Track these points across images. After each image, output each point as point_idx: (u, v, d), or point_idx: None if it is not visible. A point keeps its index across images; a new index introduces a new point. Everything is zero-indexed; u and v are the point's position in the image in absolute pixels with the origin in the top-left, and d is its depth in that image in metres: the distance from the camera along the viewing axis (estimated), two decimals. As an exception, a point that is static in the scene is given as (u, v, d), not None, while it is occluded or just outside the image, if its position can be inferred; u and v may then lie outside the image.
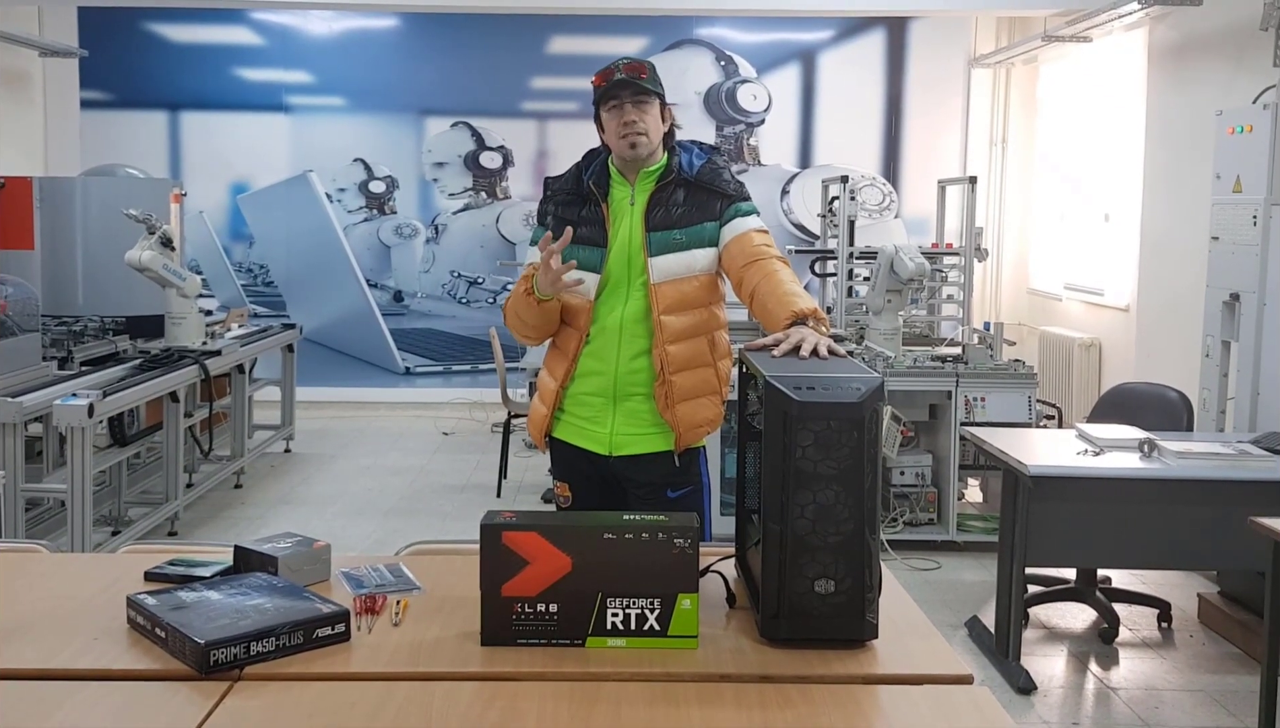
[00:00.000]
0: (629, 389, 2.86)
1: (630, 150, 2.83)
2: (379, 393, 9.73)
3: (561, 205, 2.94)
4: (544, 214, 2.98)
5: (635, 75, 2.83)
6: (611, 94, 2.84)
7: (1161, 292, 7.05)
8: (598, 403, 2.89)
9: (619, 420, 2.88)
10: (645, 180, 2.89)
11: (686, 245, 2.84)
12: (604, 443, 2.89)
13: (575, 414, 2.93)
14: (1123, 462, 4.20)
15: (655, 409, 2.86)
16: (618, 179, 2.92)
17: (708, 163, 2.92)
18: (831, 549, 1.92)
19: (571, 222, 2.86)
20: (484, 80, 9.63)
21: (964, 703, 1.79)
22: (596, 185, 2.90)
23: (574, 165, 3.00)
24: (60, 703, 1.73)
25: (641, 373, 2.85)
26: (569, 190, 2.95)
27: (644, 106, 2.84)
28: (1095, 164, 8.25)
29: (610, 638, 1.94)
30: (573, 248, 2.81)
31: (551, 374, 2.96)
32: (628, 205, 2.89)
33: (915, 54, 9.66)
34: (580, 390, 2.90)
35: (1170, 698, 4.17)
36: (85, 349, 6.25)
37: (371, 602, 2.09)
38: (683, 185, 2.88)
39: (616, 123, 2.84)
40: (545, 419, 2.96)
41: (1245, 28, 5.97)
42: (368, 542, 5.91)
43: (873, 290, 6.18)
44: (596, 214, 2.88)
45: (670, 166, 2.89)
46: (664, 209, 2.85)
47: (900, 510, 5.84)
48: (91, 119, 9.48)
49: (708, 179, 2.89)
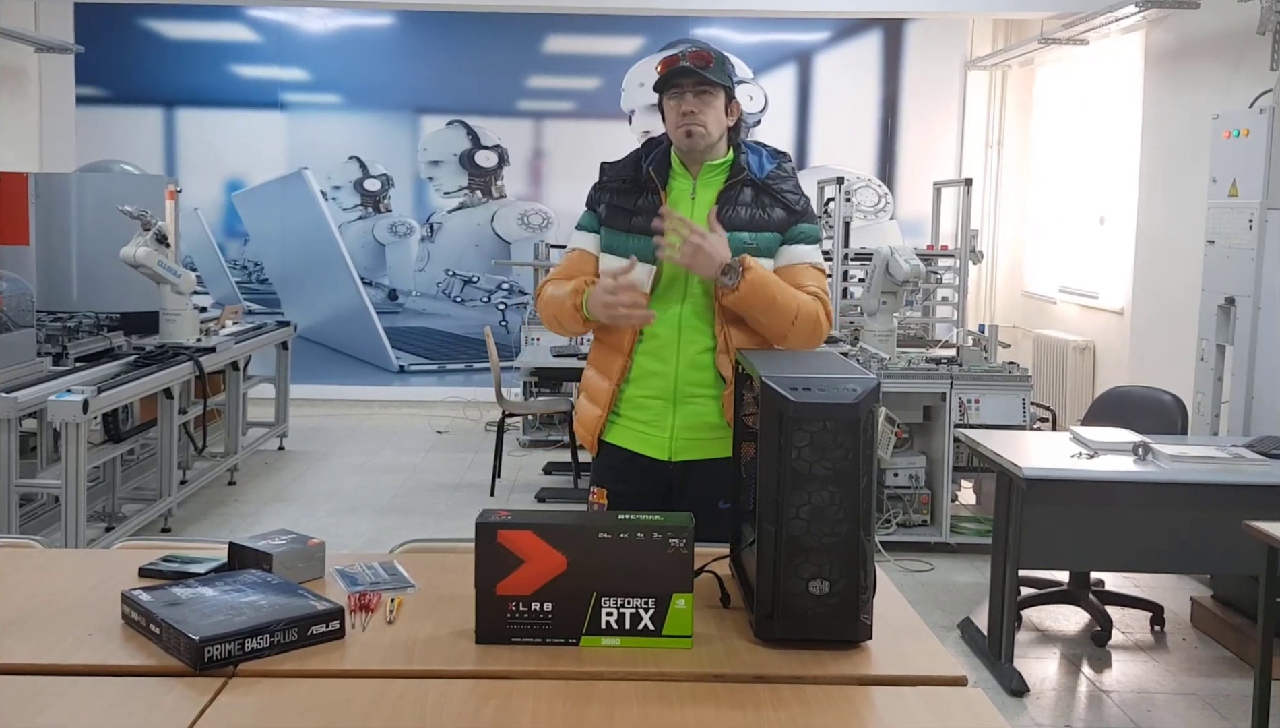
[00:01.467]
0: (691, 391, 2.74)
1: (686, 140, 2.72)
2: (373, 391, 9.72)
3: (617, 192, 2.82)
4: (597, 201, 2.85)
5: (700, 64, 2.72)
6: (672, 81, 2.73)
7: (1156, 295, 7.07)
8: (657, 405, 2.76)
9: (679, 424, 2.75)
10: (709, 174, 2.78)
11: (755, 250, 2.70)
12: (663, 448, 2.76)
13: (632, 418, 2.79)
14: (1117, 465, 4.21)
15: (718, 412, 2.73)
16: (679, 170, 2.80)
17: (778, 168, 2.81)
18: (826, 550, 1.92)
19: (627, 210, 2.76)
20: (480, 79, 9.63)
21: (958, 705, 1.79)
22: (656, 173, 2.78)
23: (633, 151, 2.88)
24: (54, 698, 1.72)
25: (705, 372, 2.73)
26: (626, 177, 2.82)
27: (706, 97, 2.72)
28: (1091, 167, 8.26)
29: (605, 637, 1.93)
30: (627, 236, 2.74)
31: (604, 374, 2.82)
32: (688, 197, 2.77)
33: (911, 56, 9.67)
34: (637, 393, 2.77)
35: (1163, 701, 4.18)
36: (80, 345, 6.25)
37: (366, 600, 2.08)
38: (750, 186, 2.77)
39: (675, 111, 2.73)
40: (599, 421, 2.82)
41: (1242, 31, 5.98)
42: (361, 540, 5.90)
43: (868, 292, 6.19)
44: (654, 203, 2.74)
45: (739, 164, 2.78)
46: (732, 208, 2.73)
47: (894, 512, 5.84)
48: (87, 115, 9.46)
49: (775, 186, 2.78)
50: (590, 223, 2.86)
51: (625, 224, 2.77)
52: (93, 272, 6.93)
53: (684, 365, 2.73)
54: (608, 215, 2.80)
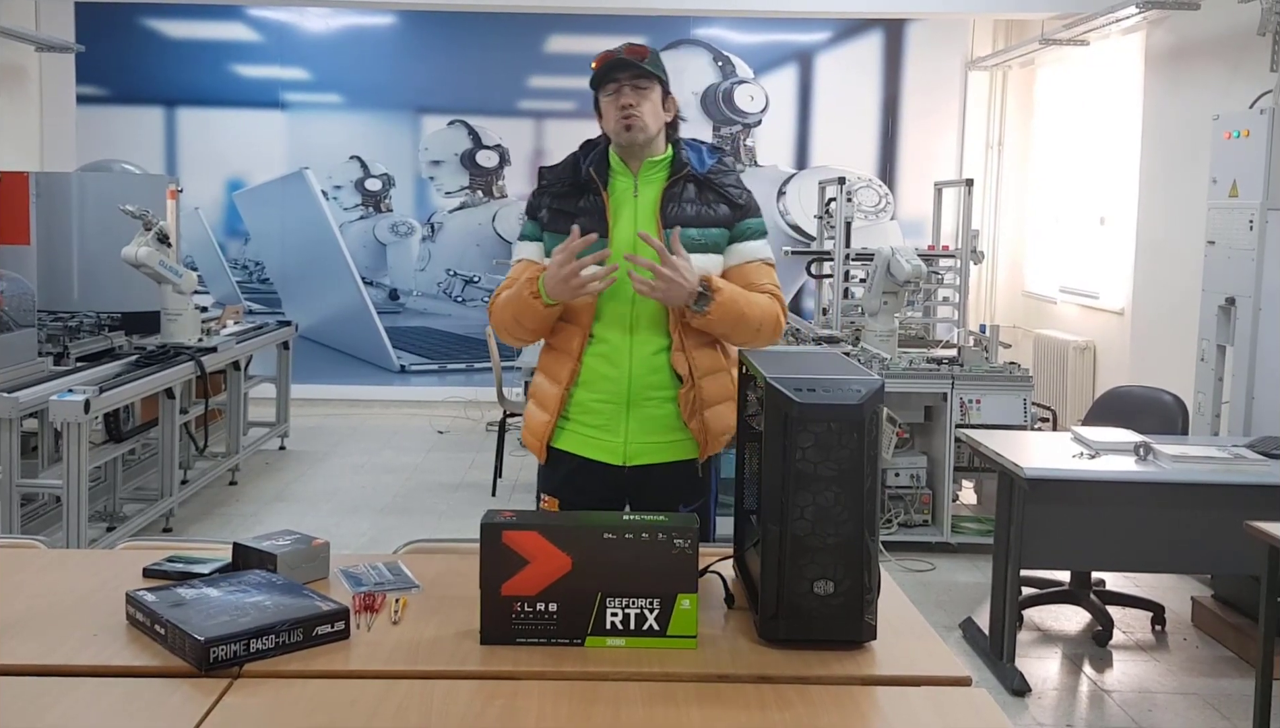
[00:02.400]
0: (645, 394, 2.70)
1: (626, 133, 2.69)
2: (374, 391, 9.72)
3: (557, 196, 2.77)
4: (538, 207, 2.80)
5: (636, 58, 2.69)
6: (610, 76, 2.70)
7: (1157, 295, 7.07)
8: (610, 409, 2.71)
9: (634, 428, 2.71)
10: (650, 171, 2.75)
11: (703, 246, 2.69)
12: (617, 453, 2.71)
13: (582, 422, 2.74)
14: (1118, 465, 4.21)
15: (674, 414, 2.70)
16: (619, 168, 2.77)
17: (718, 163, 2.80)
18: (831, 551, 1.93)
19: (569, 213, 2.71)
20: (481, 79, 9.63)
21: (962, 705, 1.80)
22: (596, 173, 2.74)
23: (570, 155, 2.83)
24: (59, 699, 1.73)
25: (661, 373, 2.70)
26: (566, 180, 2.78)
27: (644, 91, 2.70)
28: (1091, 168, 8.26)
29: (609, 638, 1.94)
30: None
31: (552, 378, 2.76)
32: (630, 196, 2.74)
33: (912, 56, 9.67)
34: (588, 396, 2.73)
35: (1164, 701, 4.19)
36: (81, 345, 6.25)
37: (371, 600, 2.09)
38: (693, 181, 2.75)
39: (613, 106, 2.70)
40: (547, 427, 2.76)
41: (1242, 32, 5.98)
42: (362, 540, 5.90)
43: (869, 292, 6.19)
44: (596, 204, 2.71)
45: (680, 160, 2.76)
46: (677, 205, 2.71)
47: (895, 512, 5.85)
48: (88, 114, 9.46)
49: (718, 181, 2.77)
50: (533, 232, 2.81)
51: (569, 227, 2.68)
52: (94, 271, 6.92)
53: (638, 368, 2.70)
54: (550, 220, 2.76)
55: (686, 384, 2.68)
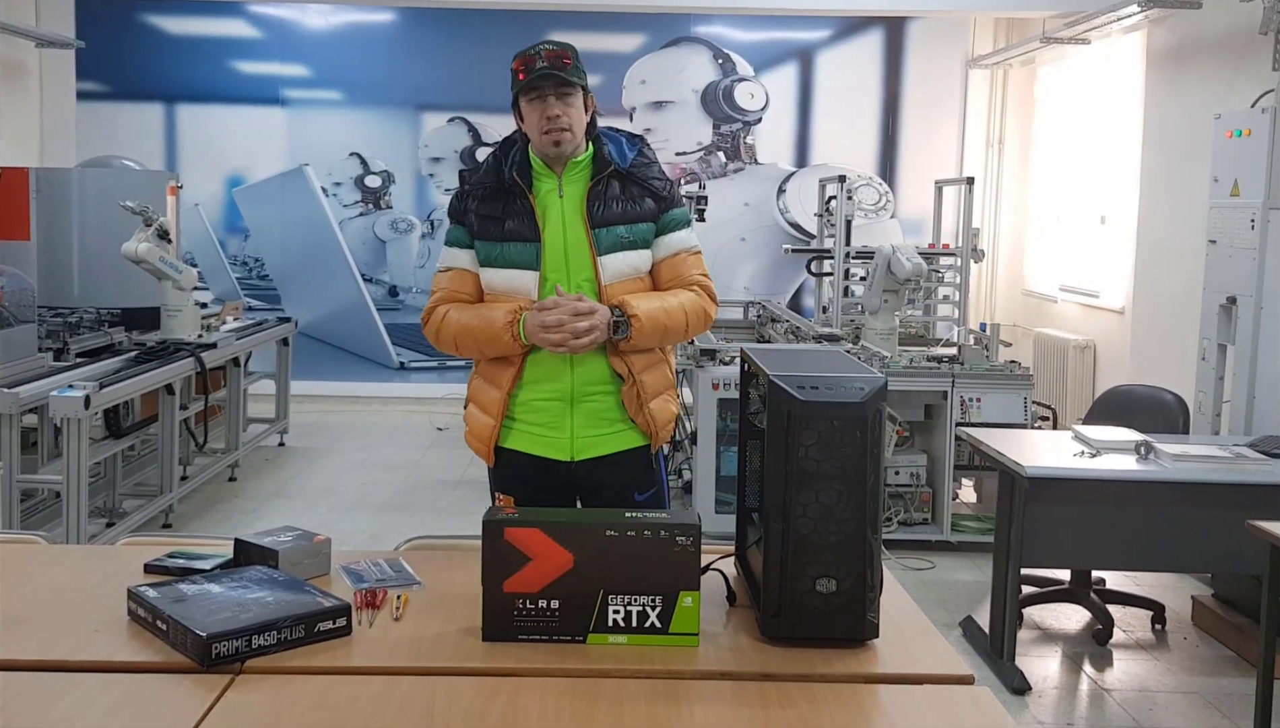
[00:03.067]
0: (587, 389, 2.72)
1: (554, 147, 2.67)
2: (373, 387, 9.71)
3: (482, 200, 2.74)
4: (463, 211, 2.77)
5: (559, 65, 2.65)
6: (533, 85, 2.66)
7: (1157, 294, 7.07)
8: (554, 407, 2.73)
9: (579, 423, 2.73)
10: (573, 171, 2.73)
11: (632, 243, 2.71)
12: (564, 449, 2.74)
13: (528, 421, 2.76)
14: (1119, 464, 4.21)
15: (616, 406, 2.73)
16: (541, 170, 2.75)
17: (639, 156, 2.78)
18: (833, 548, 1.92)
19: (497, 217, 2.71)
20: (481, 75, 9.60)
21: (964, 703, 1.80)
22: (520, 176, 2.72)
23: (490, 156, 2.80)
24: (62, 695, 1.73)
25: (599, 370, 2.72)
26: (489, 184, 2.75)
27: (568, 99, 2.67)
28: (1092, 166, 8.26)
29: (611, 635, 1.94)
30: (504, 245, 2.70)
31: (493, 382, 2.77)
32: (555, 197, 2.72)
33: (913, 54, 9.66)
34: (532, 396, 2.74)
35: (1164, 700, 4.18)
36: (81, 341, 6.25)
37: (372, 596, 2.08)
38: (616, 177, 2.73)
39: (539, 116, 2.66)
40: (493, 430, 2.76)
41: (1244, 31, 5.98)
42: (362, 536, 5.90)
43: (869, 290, 6.19)
44: (524, 207, 2.70)
45: (602, 157, 2.74)
46: (603, 203, 2.70)
47: (895, 510, 5.85)
48: (88, 110, 9.45)
49: (641, 175, 2.75)
50: (461, 237, 2.78)
51: (499, 233, 2.71)
52: (94, 267, 6.92)
53: (578, 367, 2.72)
54: (479, 227, 2.74)
55: (628, 382, 2.72)
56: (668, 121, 9.62)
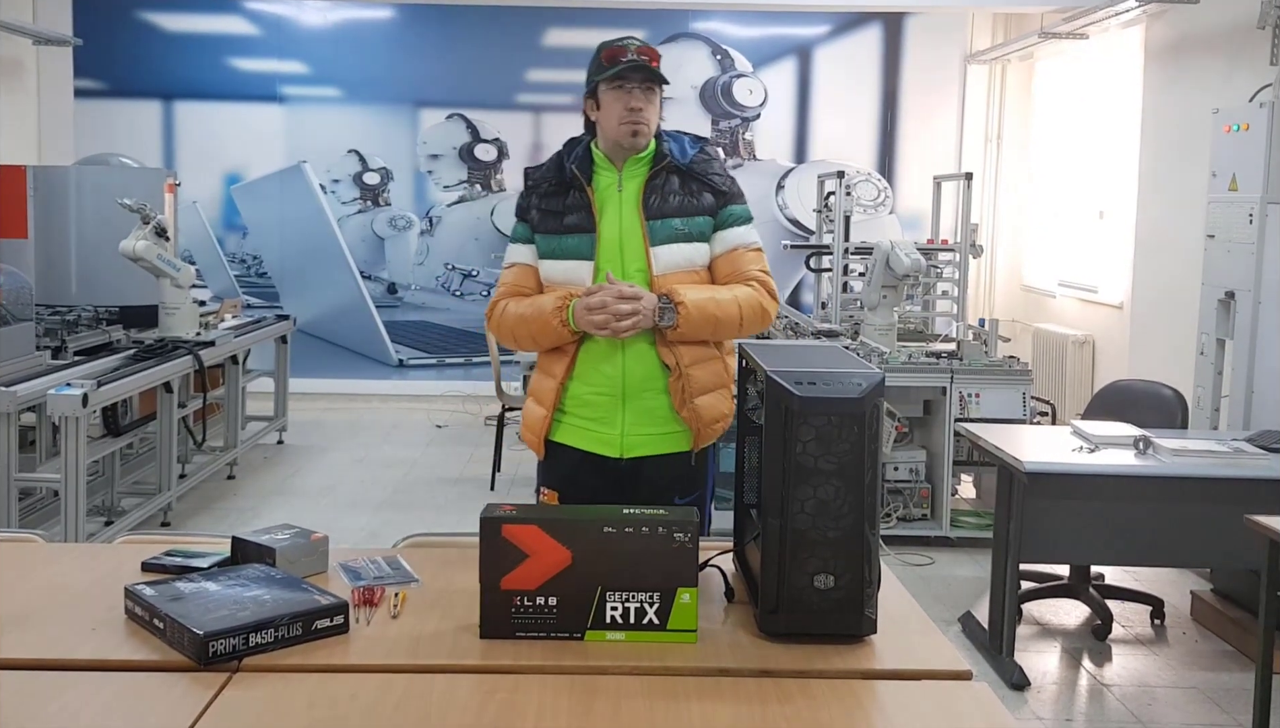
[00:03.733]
0: (640, 385, 2.73)
1: (632, 138, 2.73)
2: (372, 385, 9.71)
3: (544, 196, 2.81)
4: (526, 208, 2.85)
5: (649, 61, 2.72)
6: (623, 75, 2.72)
7: (1156, 289, 7.06)
8: (605, 402, 2.74)
9: (630, 420, 2.74)
10: (633, 166, 2.79)
11: (687, 236, 2.74)
12: (614, 445, 2.75)
13: (579, 415, 2.78)
14: (1118, 459, 4.21)
15: (668, 405, 2.73)
16: (603, 164, 2.81)
17: (700, 152, 2.83)
18: (831, 544, 1.92)
19: (557, 212, 2.77)
20: (479, 72, 9.61)
21: (963, 699, 1.80)
22: (580, 170, 2.78)
23: (554, 154, 2.88)
24: (59, 693, 1.72)
25: (653, 366, 2.72)
26: (551, 179, 2.82)
27: (651, 96, 2.74)
28: (1090, 161, 8.26)
29: (609, 632, 1.93)
30: (563, 237, 2.74)
31: (548, 373, 2.81)
32: (615, 191, 2.78)
33: (911, 50, 9.66)
34: (583, 390, 2.76)
35: (1163, 695, 4.18)
36: (79, 339, 6.24)
37: (370, 594, 2.08)
38: (675, 172, 2.78)
39: (622, 107, 2.72)
40: (544, 422, 2.80)
41: (1242, 26, 5.97)
42: (361, 534, 5.90)
43: (868, 286, 6.18)
44: (582, 200, 2.76)
45: (661, 153, 2.79)
46: (660, 196, 2.74)
47: (894, 506, 5.84)
48: (85, 108, 9.44)
49: (701, 170, 2.79)
50: (523, 233, 2.84)
51: (558, 226, 2.76)
52: (91, 265, 6.91)
53: (630, 360, 2.73)
54: (540, 220, 2.80)
55: (674, 374, 2.71)
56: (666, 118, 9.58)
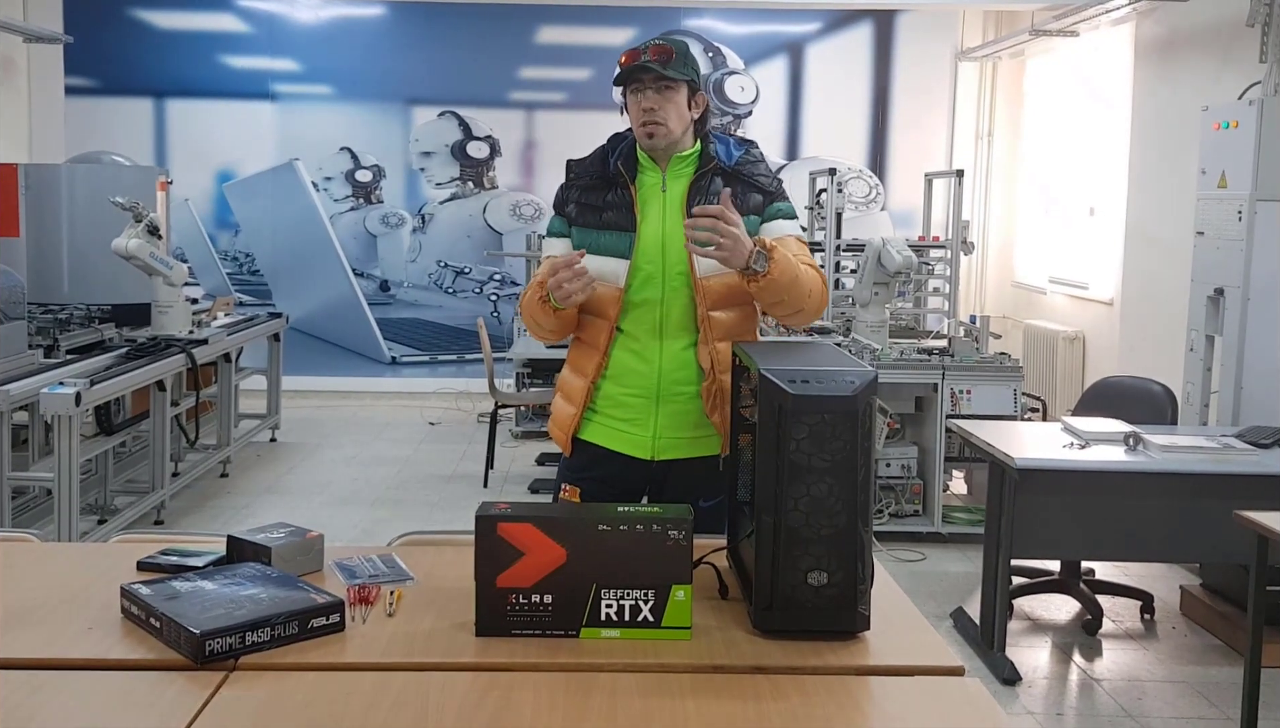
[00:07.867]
0: (674, 389, 2.70)
1: (648, 140, 2.70)
2: (365, 382, 9.71)
3: (585, 191, 2.78)
4: (565, 201, 2.81)
5: (661, 60, 2.67)
6: (630, 76, 2.69)
7: (1145, 286, 7.09)
8: (638, 403, 2.71)
9: (663, 422, 2.71)
10: (678, 166, 2.75)
11: None
12: (646, 447, 2.72)
13: (611, 415, 2.75)
14: (1108, 455, 4.23)
15: (702, 410, 2.69)
16: (647, 163, 2.76)
17: (746, 154, 2.79)
18: (824, 541, 1.93)
19: (596, 206, 2.73)
20: (471, 70, 9.60)
21: (955, 694, 1.81)
22: (624, 167, 2.74)
23: (599, 148, 2.83)
24: (55, 693, 1.73)
25: (688, 369, 2.69)
26: (594, 174, 2.78)
27: (668, 94, 2.69)
28: (1081, 158, 8.28)
29: (604, 629, 1.94)
30: (600, 233, 2.71)
31: (579, 371, 2.78)
32: (658, 191, 2.74)
33: (902, 47, 9.68)
34: (616, 389, 2.73)
35: (1153, 689, 4.21)
36: (71, 337, 6.24)
37: (365, 592, 2.09)
38: (721, 174, 2.74)
39: (637, 109, 2.70)
40: (574, 419, 2.77)
41: (1232, 23, 6.00)
42: (354, 531, 5.90)
43: (860, 283, 6.20)
44: (624, 198, 2.72)
45: (707, 154, 2.75)
46: (705, 198, 2.67)
47: (885, 502, 5.86)
48: (77, 106, 9.42)
49: (747, 171, 2.75)
50: (560, 227, 2.81)
51: (596, 221, 2.73)
52: (84, 263, 6.90)
53: (667, 363, 2.70)
54: (578, 214, 2.77)
55: (708, 378, 2.68)
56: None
